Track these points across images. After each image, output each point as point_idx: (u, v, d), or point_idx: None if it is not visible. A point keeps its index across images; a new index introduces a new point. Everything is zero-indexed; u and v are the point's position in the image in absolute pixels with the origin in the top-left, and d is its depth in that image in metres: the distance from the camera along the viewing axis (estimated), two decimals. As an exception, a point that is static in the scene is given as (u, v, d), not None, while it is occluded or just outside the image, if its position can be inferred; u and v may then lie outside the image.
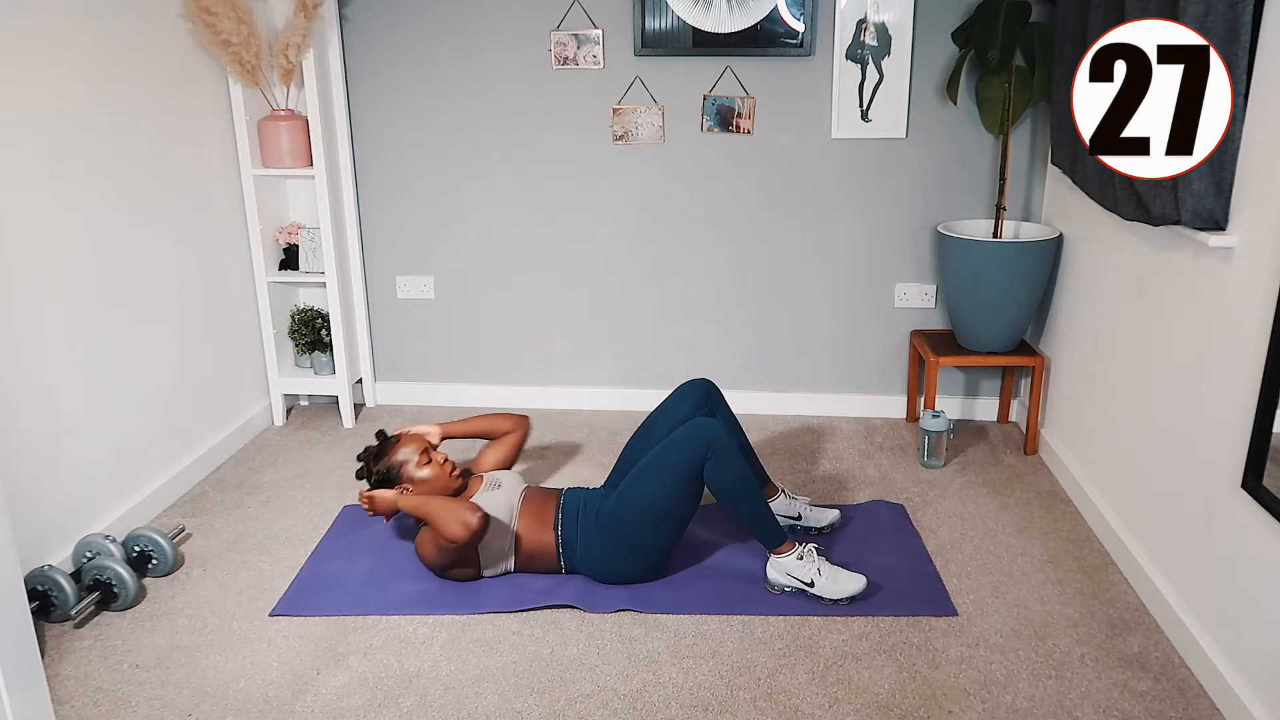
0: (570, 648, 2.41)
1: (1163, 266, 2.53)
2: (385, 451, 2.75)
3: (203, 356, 3.36)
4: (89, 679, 2.31)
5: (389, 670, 2.33)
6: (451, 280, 3.84)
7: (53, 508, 2.66)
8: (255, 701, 2.23)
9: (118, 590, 2.55)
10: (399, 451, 2.73)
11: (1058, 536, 2.91)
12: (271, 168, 3.51)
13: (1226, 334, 2.20)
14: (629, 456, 2.83)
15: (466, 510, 2.47)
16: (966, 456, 3.46)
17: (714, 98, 3.52)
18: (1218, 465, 2.23)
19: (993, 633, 2.45)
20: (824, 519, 2.90)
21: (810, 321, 3.76)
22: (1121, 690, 2.24)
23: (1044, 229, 3.40)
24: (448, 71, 3.58)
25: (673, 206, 3.67)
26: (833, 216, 3.63)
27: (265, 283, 3.63)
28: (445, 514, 2.49)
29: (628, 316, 3.82)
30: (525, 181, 3.69)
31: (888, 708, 2.19)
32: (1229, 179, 2.17)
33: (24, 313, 2.54)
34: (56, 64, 2.63)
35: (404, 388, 3.98)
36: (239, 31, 3.18)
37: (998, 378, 3.76)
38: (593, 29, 3.48)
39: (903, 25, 3.36)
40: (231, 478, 3.35)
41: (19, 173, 2.51)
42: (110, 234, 2.86)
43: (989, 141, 3.49)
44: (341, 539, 2.92)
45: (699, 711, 2.18)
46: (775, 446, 3.56)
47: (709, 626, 2.49)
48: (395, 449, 2.74)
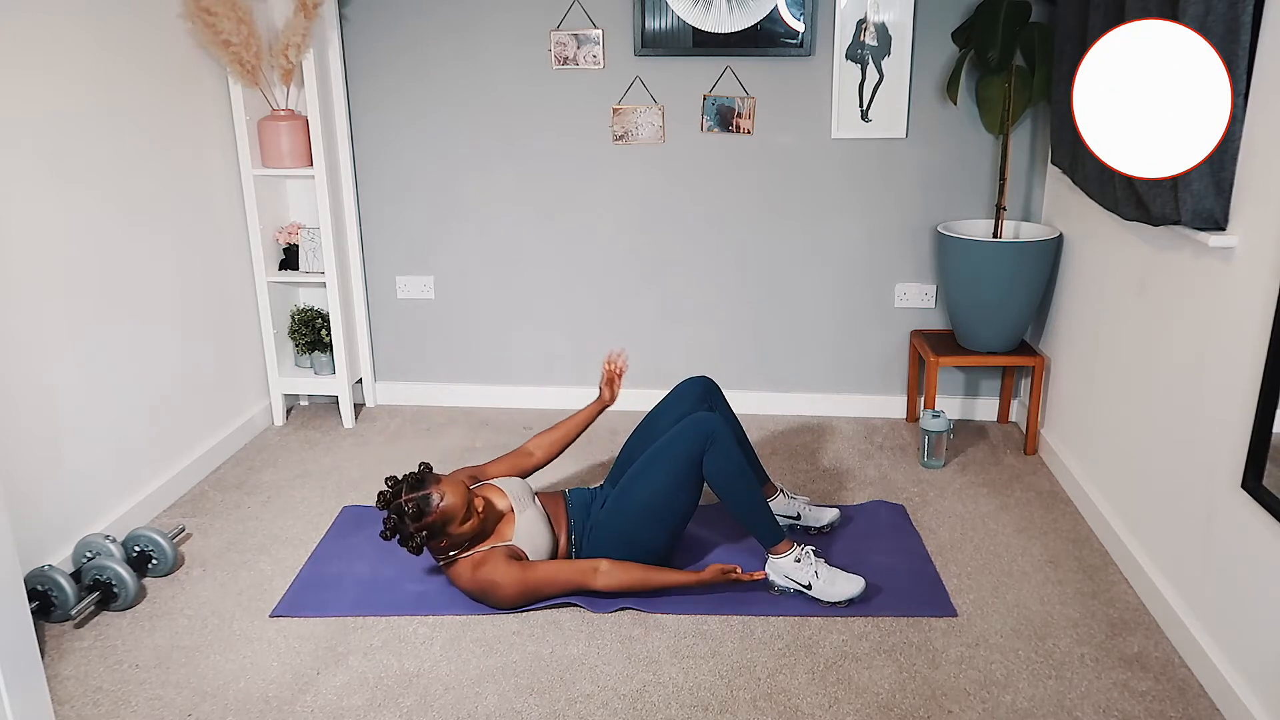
0: (570, 648, 2.41)
1: (1163, 266, 2.53)
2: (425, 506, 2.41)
3: (203, 356, 3.36)
4: (89, 679, 2.31)
5: (389, 670, 2.34)
6: (451, 280, 3.84)
7: (53, 508, 2.66)
8: (255, 701, 2.23)
9: (118, 590, 2.55)
10: (442, 506, 2.41)
11: (1058, 536, 2.91)
12: (271, 168, 3.51)
13: (1226, 334, 2.20)
14: (629, 454, 2.83)
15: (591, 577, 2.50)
16: (966, 456, 3.46)
17: (714, 98, 3.52)
18: (1218, 465, 2.23)
19: (993, 633, 2.45)
20: (823, 518, 2.90)
21: (810, 321, 3.76)
22: (1121, 690, 2.24)
23: (1044, 229, 3.40)
24: (448, 71, 3.58)
25: (673, 206, 3.67)
26: (833, 216, 3.63)
27: (265, 283, 3.64)
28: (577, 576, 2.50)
29: (628, 316, 3.82)
30: (525, 181, 3.69)
31: (888, 708, 2.19)
32: (1229, 179, 2.17)
33: (24, 313, 2.54)
34: (56, 64, 2.63)
35: (404, 388, 3.98)
36: (239, 31, 3.18)
37: (998, 378, 3.76)
38: (593, 29, 3.48)
39: (903, 25, 3.37)
40: (231, 478, 3.35)
41: (19, 173, 2.51)
42: (110, 234, 2.86)
43: (989, 141, 3.49)
44: (341, 539, 2.92)
45: (699, 711, 2.19)
46: (775, 446, 3.56)
47: (709, 626, 2.49)
48: (437, 502, 2.42)
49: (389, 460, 3.47)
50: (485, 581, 2.47)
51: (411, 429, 3.74)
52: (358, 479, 3.33)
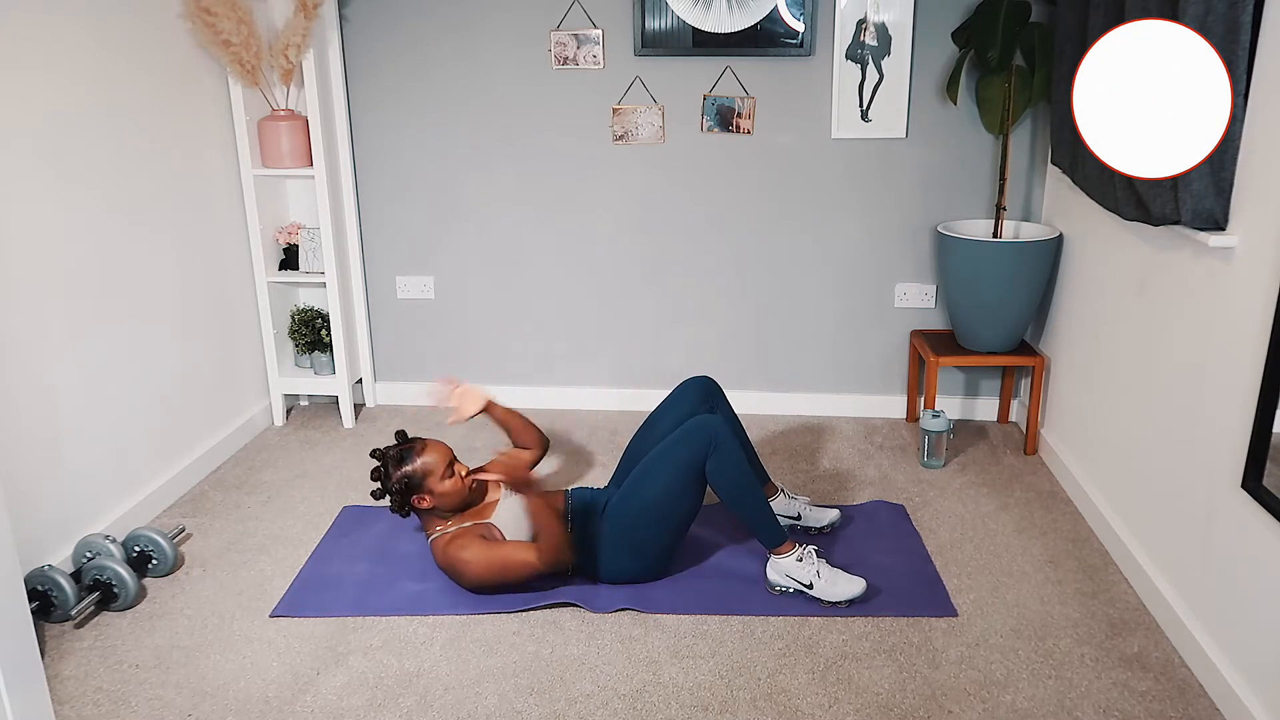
0: (570, 648, 2.41)
1: (1163, 266, 2.53)
2: (407, 455, 2.58)
3: (203, 356, 3.36)
4: (89, 679, 2.31)
5: (389, 670, 2.34)
6: (451, 280, 3.84)
7: (53, 508, 2.66)
8: (255, 701, 2.23)
9: (118, 590, 2.55)
10: (423, 459, 2.57)
11: (1058, 536, 2.91)
12: (271, 168, 3.51)
13: (1226, 334, 2.20)
14: (632, 455, 2.83)
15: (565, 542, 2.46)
16: (966, 456, 3.46)
17: (714, 98, 3.52)
18: (1218, 465, 2.23)
19: (993, 633, 2.45)
20: (823, 519, 2.90)
21: (810, 321, 3.76)
22: (1121, 690, 2.24)
23: (1044, 229, 3.40)
24: (448, 71, 3.58)
25: (673, 206, 3.67)
26: (833, 216, 3.63)
27: (265, 283, 3.64)
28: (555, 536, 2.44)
29: (628, 316, 3.82)
30: (525, 181, 3.69)
31: (888, 708, 2.19)
32: (1229, 179, 2.17)
33: (24, 313, 2.54)
34: (57, 64, 2.63)
35: (404, 388, 3.98)
36: (239, 31, 3.18)
37: (998, 378, 3.76)
38: (593, 29, 3.48)
39: (903, 25, 3.37)
40: (231, 478, 3.35)
41: (19, 173, 2.51)
42: (110, 234, 2.86)
43: (989, 141, 3.49)
44: (341, 539, 2.92)
45: (699, 711, 2.19)
46: (775, 446, 3.56)
47: (709, 626, 2.49)
48: (419, 454, 2.58)
49: (389, 460, 3.47)
50: (455, 558, 2.53)
51: (411, 429, 3.74)
52: (358, 479, 3.33)
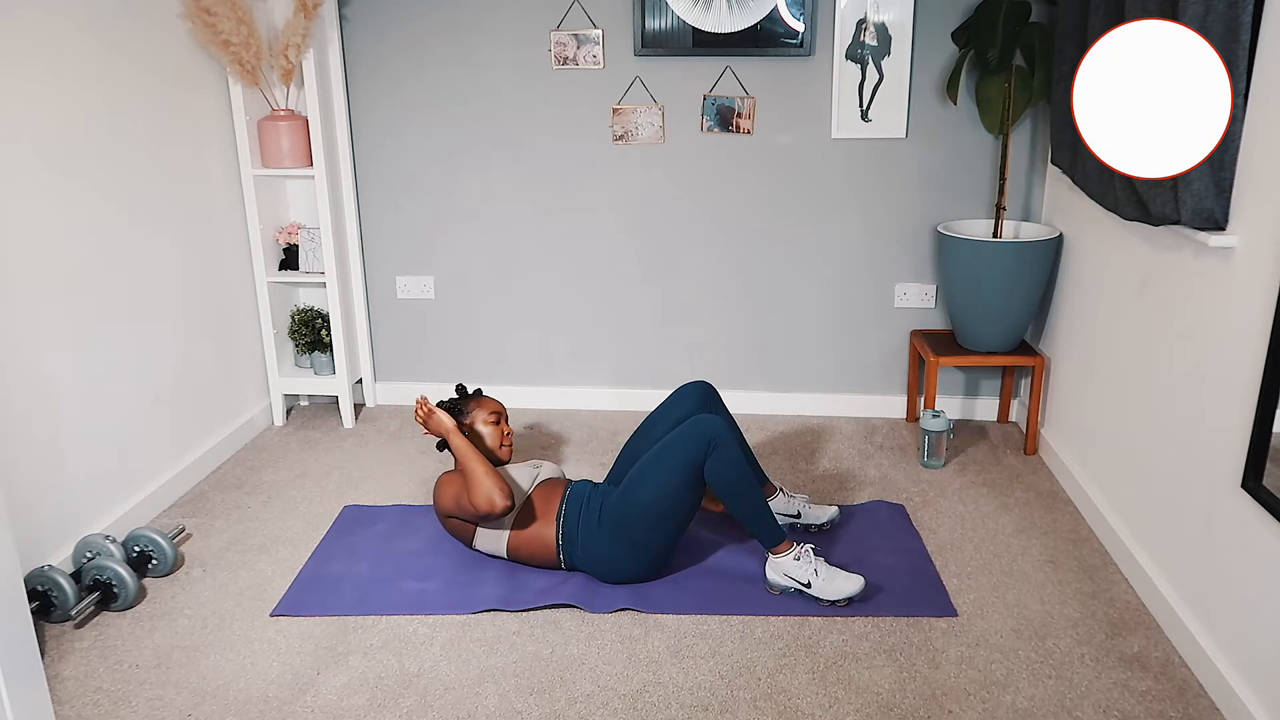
0: (570, 648, 2.41)
1: (1163, 266, 2.53)
2: (478, 394, 2.94)
3: (203, 356, 3.36)
4: (89, 679, 2.31)
5: (389, 670, 2.34)
6: (451, 280, 3.84)
7: (53, 508, 2.66)
8: (255, 701, 2.23)
9: (118, 590, 2.55)
10: (484, 400, 2.91)
11: (1058, 536, 2.91)
12: (271, 168, 3.51)
13: (1226, 334, 2.20)
14: (628, 455, 2.84)
15: (499, 492, 2.55)
16: (966, 456, 3.46)
17: (714, 98, 3.52)
18: (1218, 465, 2.23)
19: (993, 633, 2.45)
20: (823, 516, 2.91)
21: (810, 321, 3.76)
22: (1121, 690, 2.24)
23: (1044, 229, 3.40)
24: (448, 71, 3.58)
25: (673, 206, 3.67)
26: (833, 216, 3.63)
27: (265, 283, 3.64)
28: (480, 479, 2.57)
29: (628, 316, 3.82)
30: (525, 181, 3.69)
31: (888, 708, 2.19)
32: (1229, 179, 2.17)
33: (24, 313, 2.54)
34: (57, 64, 2.63)
35: (404, 388, 3.98)
36: (239, 31, 3.18)
37: (998, 378, 3.76)
38: (593, 29, 3.48)
39: (903, 25, 3.37)
40: (231, 478, 3.35)
41: (20, 172, 2.51)
42: (110, 234, 2.86)
43: (989, 141, 3.49)
44: (341, 539, 2.92)
45: (699, 711, 2.19)
46: (775, 446, 3.56)
47: (709, 626, 2.49)
48: (476, 402, 2.89)
49: (389, 460, 3.47)
50: (438, 485, 2.75)
51: (412, 429, 3.74)
52: (358, 479, 3.33)
